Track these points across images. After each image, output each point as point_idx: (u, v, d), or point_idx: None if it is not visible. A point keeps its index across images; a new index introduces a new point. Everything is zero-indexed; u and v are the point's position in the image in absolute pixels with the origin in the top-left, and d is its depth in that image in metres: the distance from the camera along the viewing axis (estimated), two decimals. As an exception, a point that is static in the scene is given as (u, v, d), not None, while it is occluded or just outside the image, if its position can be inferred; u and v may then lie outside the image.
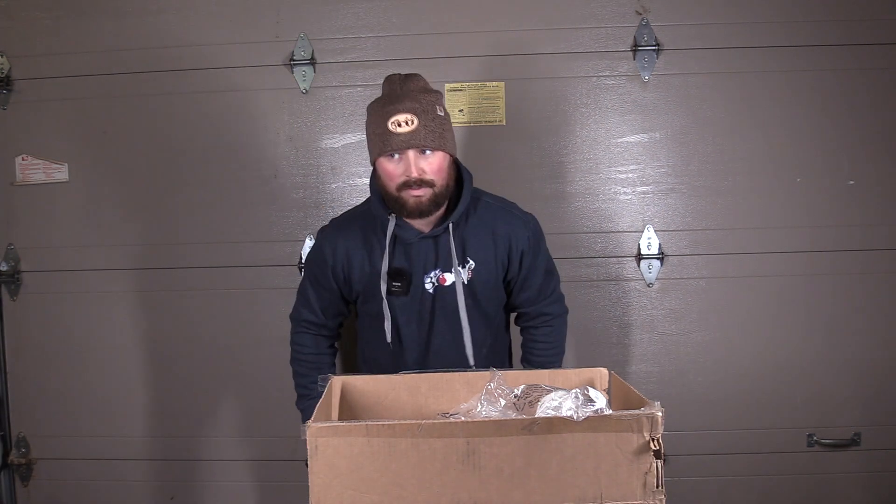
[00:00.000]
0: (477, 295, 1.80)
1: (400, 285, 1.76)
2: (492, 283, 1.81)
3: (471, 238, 1.78)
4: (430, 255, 1.77)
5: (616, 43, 2.42)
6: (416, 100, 1.65)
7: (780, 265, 2.42)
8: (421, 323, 1.81)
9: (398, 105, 1.64)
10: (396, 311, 1.80)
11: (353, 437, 1.08)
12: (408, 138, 1.61)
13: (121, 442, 2.54)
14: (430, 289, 1.78)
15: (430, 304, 1.79)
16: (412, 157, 1.63)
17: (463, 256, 1.77)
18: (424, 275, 1.77)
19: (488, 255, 1.79)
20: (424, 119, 1.63)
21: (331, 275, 1.84)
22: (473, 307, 1.80)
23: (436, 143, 1.64)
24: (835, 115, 2.40)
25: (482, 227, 1.80)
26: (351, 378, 1.46)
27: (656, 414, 1.08)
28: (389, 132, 1.63)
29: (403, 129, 1.61)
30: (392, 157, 1.65)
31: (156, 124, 2.49)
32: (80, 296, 2.53)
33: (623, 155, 2.45)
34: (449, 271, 1.76)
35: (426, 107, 1.65)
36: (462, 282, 1.77)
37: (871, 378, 2.43)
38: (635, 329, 2.47)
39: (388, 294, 1.76)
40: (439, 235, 1.76)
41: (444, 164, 1.68)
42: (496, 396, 1.28)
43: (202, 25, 2.46)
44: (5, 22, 2.50)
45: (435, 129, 1.64)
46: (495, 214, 1.82)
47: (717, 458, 2.46)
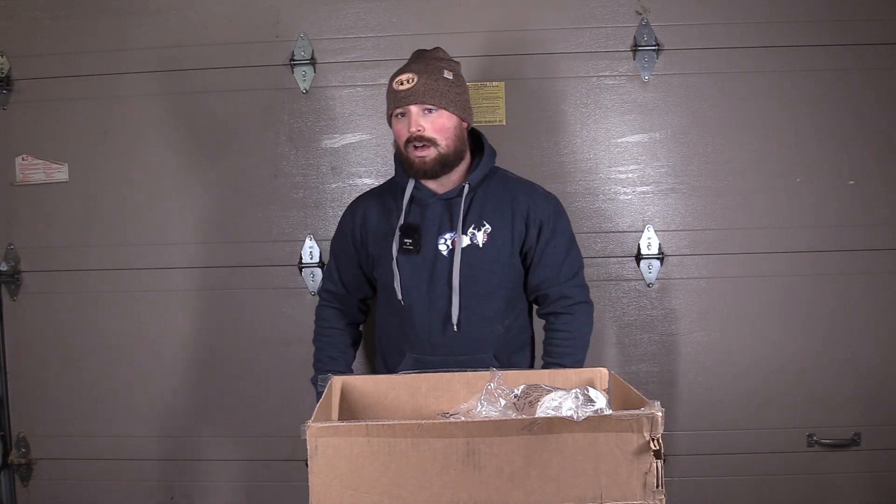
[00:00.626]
0: (493, 262, 1.79)
1: (411, 242, 1.77)
2: (508, 249, 1.80)
3: (489, 203, 1.81)
4: (446, 217, 1.79)
5: (616, 43, 2.42)
6: (424, 63, 1.75)
7: (780, 265, 2.42)
8: (429, 286, 1.79)
9: (405, 67, 1.76)
10: (408, 275, 1.80)
11: (353, 437, 1.08)
12: (407, 94, 1.70)
13: (121, 442, 2.54)
14: (444, 251, 1.78)
15: (442, 267, 1.78)
16: (414, 113, 1.71)
17: (479, 220, 1.79)
18: (439, 236, 1.79)
19: (506, 222, 1.80)
20: (426, 78, 1.71)
21: (350, 239, 1.90)
22: (490, 275, 1.79)
23: (435, 101, 1.71)
24: (835, 115, 2.40)
25: (502, 194, 1.83)
26: (351, 378, 1.47)
27: (656, 414, 1.08)
28: (394, 90, 1.73)
29: (405, 86, 1.71)
30: (400, 117, 1.74)
31: (156, 124, 2.49)
32: (80, 296, 2.53)
33: (623, 155, 2.45)
34: (465, 234, 1.77)
35: (431, 68, 1.73)
36: (476, 245, 1.77)
37: (871, 378, 2.43)
38: (635, 329, 2.47)
39: (400, 251, 1.78)
40: (454, 198, 1.79)
41: (448, 124, 1.73)
42: (496, 396, 1.28)
43: (202, 25, 2.46)
44: (5, 22, 2.50)
45: (437, 88, 1.71)
46: (517, 185, 1.87)
47: (717, 458, 2.46)
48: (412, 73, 1.72)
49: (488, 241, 1.78)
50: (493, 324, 1.81)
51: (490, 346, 1.82)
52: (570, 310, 1.86)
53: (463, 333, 1.78)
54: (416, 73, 1.72)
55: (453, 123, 1.74)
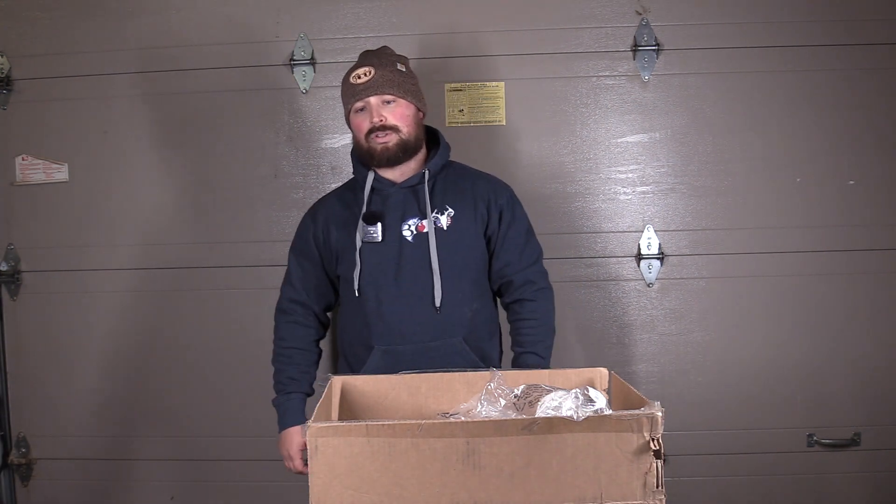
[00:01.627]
0: (457, 243, 1.80)
1: (373, 230, 1.79)
2: (472, 231, 1.82)
3: (449, 189, 1.84)
4: (409, 204, 1.81)
5: (616, 43, 2.42)
6: (377, 57, 1.81)
7: (780, 265, 2.42)
8: (400, 273, 1.78)
9: (360, 63, 1.81)
10: (374, 264, 1.79)
11: (353, 437, 1.08)
12: (366, 86, 1.75)
13: (121, 442, 2.54)
14: (409, 237, 1.79)
15: (409, 253, 1.78)
16: (374, 104, 1.75)
17: (442, 205, 1.81)
18: (402, 223, 1.79)
19: (467, 206, 1.83)
20: (382, 70, 1.77)
21: (312, 242, 1.88)
22: (455, 255, 1.79)
23: (394, 91, 1.76)
24: (835, 115, 2.40)
25: (461, 181, 1.87)
26: (351, 378, 1.47)
27: (656, 414, 1.08)
28: (351, 85, 1.78)
29: (363, 79, 1.76)
30: (359, 112, 1.78)
31: (156, 124, 2.49)
32: (80, 296, 2.53)
33: (623, 155, 2.45)
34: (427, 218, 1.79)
35: (385, 61, 1.80)
36: (441, 228, 1.79)
37: (871, 378, 2.43)
38: (635, 329, 2.47)
39: (364, 240, 1.79)
40: (416, 185, 1.81)
41: (407, 112, 1.78)
42: (496, 396, 1.28)
43: (202, 25, 2.46)
44: (5, 22, 2.50)
45: (393, 79, 1.77)
46: (474, 175, 1.91)
47: (717, 458, 2.46)
48: (368, 67, 1.77)
49: (452, 223, 1.80)
50: (462, 306, 1.81)
51: (459, 329, 1.80)
52: (535, 296, 1.87)
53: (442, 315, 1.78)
54: (372, 66, 1.77)
55: (412, 112, 1.79)
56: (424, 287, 1.77)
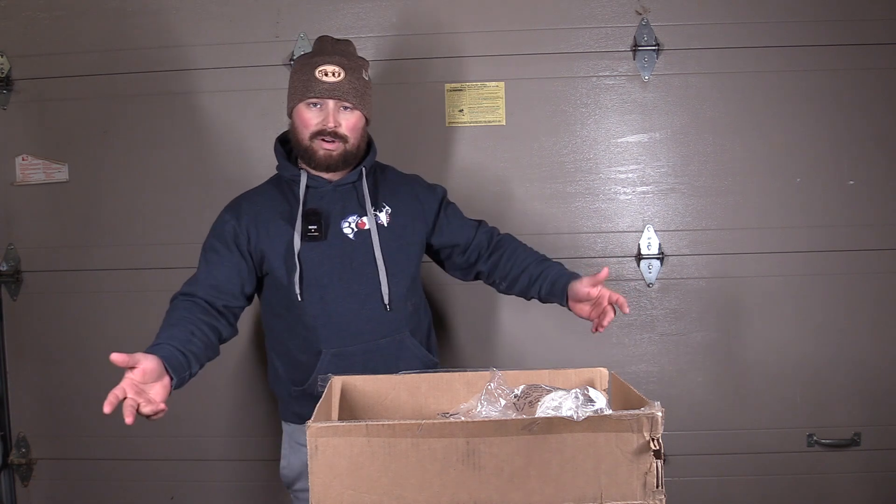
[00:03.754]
0: (398, 239, 1.79)
1: (316, 228, 1.72)
2: (409, 229, 1.82)
3: (384, 187, 1.83)
4: (347, 201, 1.77)
5: (616, 43, 2.42)
6: (348, 57, 1.73)
7: (779, 265, 2.42)
8: (343, 273, 1.73)
9: (328, 57, 1.71)
10: (315, 265, 1.72)
11: (353, 437, 1.08)
12: (333, 87, 1.68)
13: (121, 442, 2.54)
14: (350, 234, 1.75)
15: (352, 250, 1.74)
16: (332, 108, 1.70)
17: (378, 202, 1.80)
18: (342, 220, 1.76)
19: (403, 202, 1.82)
20: (351, 75, 1.70)
21: (231, 239, 1.74)
22: (396, 252, 1.78)
23: (357, 101, 1.71)
24: (835, 115, 2.40)
25: (393, 180, 1.87)
26: (351, 378, 1.47)
27: (656, 414, 1.08)
28: (316, 79, 1.68)
29: (330, 78, 1.68)
30: (312, 106, 1.71)
31: (156, 124, 2.49)
32: (80, 296, 2.53)
33: (623, 155, 2.45)
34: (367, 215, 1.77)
35: (354, 66, 1.73)
36: (381, 224, 1.77)
37: (871, 378, 2.43)
38: (635, 329, 2.47)
39: (304, 240, 1.71)
40: (354, 182, 1.79)
41: (359, 124, 1.74)
42: (496, 396, 1.28)
43: (202, 25, 2.46)
44: (5, 22, 2.50)
45: (359, 88, 1.72)
46: (406, 177, 1.92)
47: (717, 458, 2.46)
48: (339, 67, 1.69)
49: (391, 220, 1.79)
50: (406, 301, 1.80)
51: (405, 325, 1.80)
52: (503, 236, 1.94)
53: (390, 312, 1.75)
54: (343, 67, 1.70)
55: (362, 123, 1.76)
56: (371, 285, 1.74)
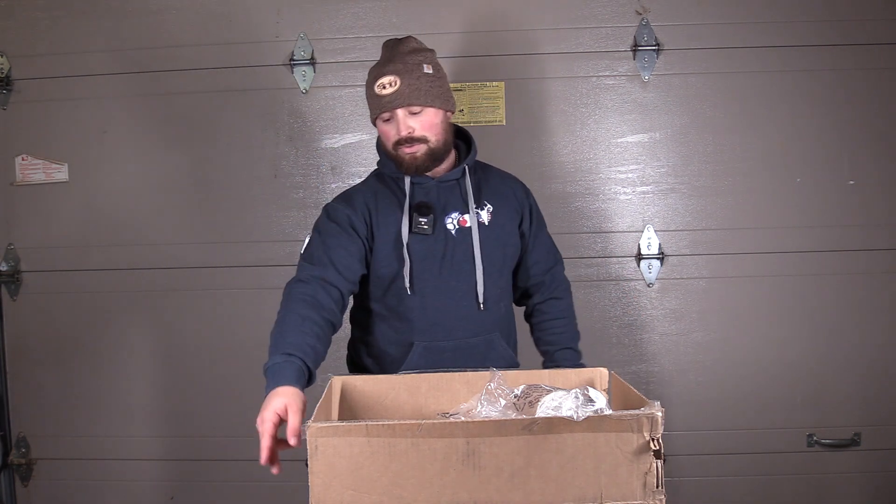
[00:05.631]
0: (497, 239, 1.78)
1: (426, 221, 1.72)
2: (508, 229, 1.81)
3: (484, 186, 1.81)
4: (451, 197, 1.76)
5: (616, 43, 2.42)
6: (402, 61, 1.70)
7: (779, 265, 2.42)
8: (443, 268, 1.73)
9: (382, 68, 1.70)
10: (420, 258, 1.72)
11: (353, 437, 1.08)
12: (391, 99, 1.67)
13: (121, 442, 2.54)
14: (453, 231, 1.74)
15: (454, 246, 1.73)
16: (401, 116, 1.68)
17: (481, 200, 1.78)
18: (445, 216, 1.74)
19: (503, 202, 1.81)
20: (408, 78, 1.68)
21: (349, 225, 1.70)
22: (495, 252, 1.77)
23: (422, 100, 1.68)
24: (835, 115, 2.40)
25: (494, 179, 1.84)
26: (351, 378, 1.46)
27: (656, 414, 1.08)
28: (376, 95, 1.70)
29: (387, 90, 1.68)
30: (386, 122, 1.71)
31: (156, 124, 2.49)
32: (80, 296, 2.53)
33: (623, 155, 2.45)
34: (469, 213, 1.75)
35: (411, 67, 1.69)
36: (482, 223, 1.75)
37: (871, 378, 2.43)
38: (635, 329, 2.47)
39: (412, 233, 1.71)
40: (458, 178, 1.78)
41: (435, 120, 1.71)
42: (496, 396, 1.28)
43: (202, 25, 2.46)
44: (5, 22, 2.50)
45: (420, 86, 1.69)
46: (504, 174, 1.89)
47: (717, 458, 2.46)
48: (392, 76, 1.68)
49: (492, 219, 1.77)
50: (499, 303, 1.80)
51: (496, 325, 1.80)
52: (564, 294, 1.91)
53: (484, 311, 1.75)
54: (396, 74, 1.68)
55: (440, 118, 1.73)
56: (468, 282, 1.74)
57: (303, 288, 1.60)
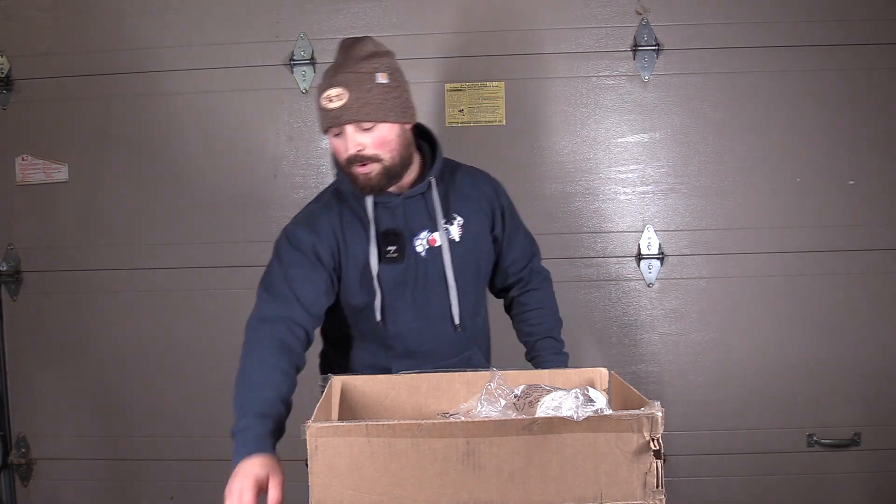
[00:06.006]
0: (469, 254, 1.67)
1: (395, 249, 1.59)
2: (481, 238, 1.69)
3: (452, 194, 1.67)
4: (418, 215, 1.63)
5: (616, 43, 2.42)
6: (353, 69, 1.52)
7: (779, 265, 2.42)
8: (416, 292, 1.63)
9: (331, 79, 1.53)
10: (390, 286, 1.61)
11: (353, 437, 1.08)
12: (338, 114, 1.51)
13: (121, 442, 2.54)
14: (422, 252, 1.62)
15: (425, 268, 1.63)
16: (350, 133, 1.52)
17: (449, 213, 1.65)
18: (414, 237, 1.62)
19: (473, 210, 1.68)
20: (358, 91, 1.50)
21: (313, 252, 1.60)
22: (467, 267, 1.67)
23: (373, 115, 1.51)
24: (834, 115, 2.40)
25: (461, 184, 1.70)
26: (351, 378, 1.46)
27: (656, 414, 1.08)
28: (323, 108, 1.54)
29: (334, 103, 1.51)
30: (336, 134, 1.55)
31: (156, 124, 2.49)
32: (80, 296, 2.53)
33: (623, 155, 2.45)
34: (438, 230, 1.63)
35: (362, 77, 1.52)
36: (453, 240, 1.64)
37: (871, 378, 2.43)
38: (635, 329, 2.47)
39: (381, 262, 1.59)
40: (424, 192, 1.63)
41: (389, 136, 1.54)
42: (496, 396, 1.28)
43: (202, 25, 2.46)
44: (5, 22, 2.50)
45: (371, 99, 1.51)
46: (473, 173, 1.75)
47: (717, 458, 2.46)
48: (340, 88, 1.50)
49: (463, 233, 1.65)
50: (475, 318, 1.73)
51: (475, 341, 1.75)
52: (541, 285, 1.82)
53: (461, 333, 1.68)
54: (345, 86, 1.50)
55: (395, 133, 1.55)
56: (443, 304, 1.65)
57: (268, 330, 1.56)
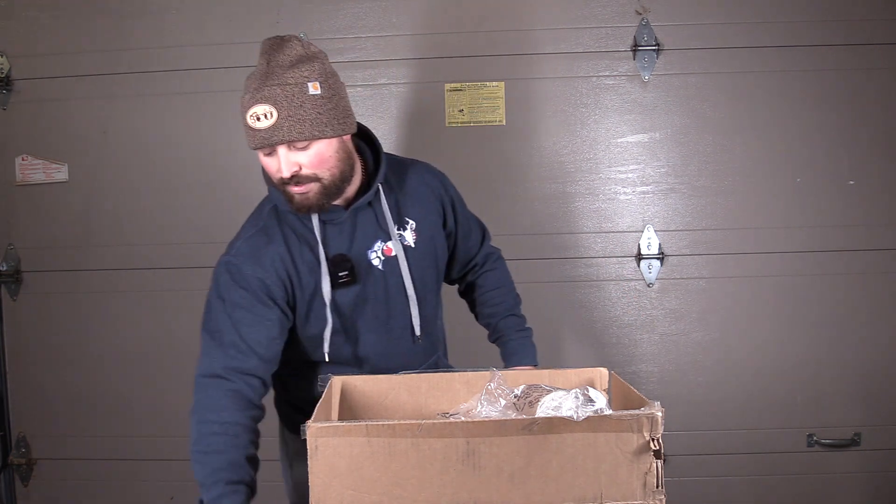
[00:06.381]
0: (426, 257, 1.57)
1: (347, 273, 1.47)
2: (435, 238, 1.60)
3: (403, 193, 1.57)
4: (368, 226, 1.51)
5: (616, 43, 2.42)
6: (280, 81, 1.37)
7: (779, 265, 2.42)
8: (377, 308, 1.53)
9: (256, 94, 1.38)
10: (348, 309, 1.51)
11: (353, 437, 1.08)
12: (268, 134, 1.37)
13: (121, 442, 2.54)
14: (378, 265, 1.51)
15: (384, 282, 1.52)
16: (283, 154, 1.38)
17: (401, 218, 1.55)
18: (368, 251, 1.51)
19: (423, 210, 1.59)
20: (288, 107, 1.36)
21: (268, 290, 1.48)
22: (426, 272, 1.58)
23: (307, 133, 1.37)
24: (834, 115, 2.40)
25: (407, 183, 1.59)
26: (351, 378, 1.46)
27: (656, 414, 1.08)
28: (250, 128, 1.40)
29: (262, 123, 1.36)
30: (267, 156, 1.42)
31: (156, 124, 2.49)
32: (80, 296, 2.53)
33: (623, 155, 2.45)
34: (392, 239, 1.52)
35: (291, 91, 1.36)
36: (409, 246, 1.54)
37: (871, 378, 2.43)
38: (635, 329, 2.47)
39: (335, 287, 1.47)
40: (372, 201, 1.52)
41: (328, 152, 1.40)
42: (496, 396, 1.28)
43: (202, 25, 2.46)
44: (5, 22, 2.50)
45: (305, 116, 1.36)
46: (419, 170, 1.63)
47: (717, 458, 2.46)
48: (268, 106, 1.36)
49: (418, 237, 1.55)
50: (436, 321, 1.65)
51: (438, 346, 1.67)
52: (496, 265, 1.76)
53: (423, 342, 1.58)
54: (272, 103, 1.35)
55: (334, 149, 1.41)
56: (403, 316, 1.55)
57: (221, 386, 1.48)
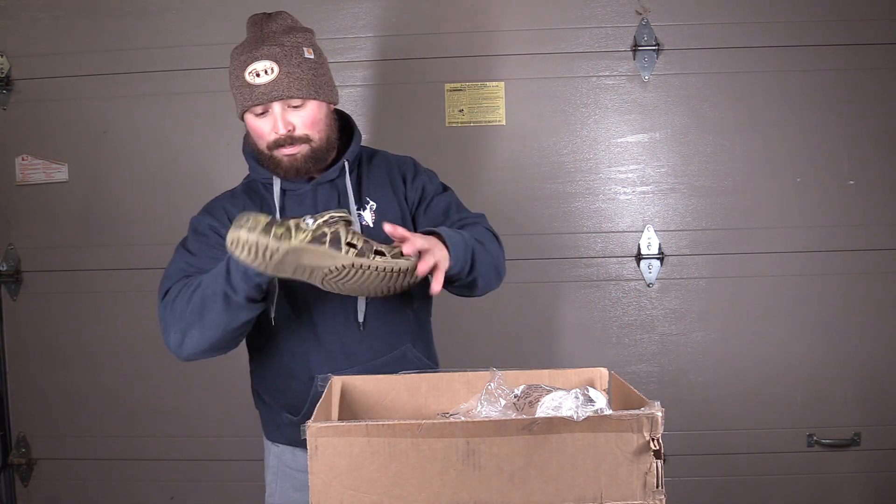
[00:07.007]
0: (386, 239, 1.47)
1: None
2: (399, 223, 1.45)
3: (369, 179, 1.57)
4: (330, 202, 1.52)
5: (616, 43, 2.42)
6: (278, 42, 1.42)
7: (779, 265, 2.42)
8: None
9: (256, 51, 1.41)
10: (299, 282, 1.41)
11: (353, 437, 1.08)
12: (268, 89, 1.40)
13: (121, 442, 2.54)
14: None
15: None
16: (278, 112, 1.42)
17: (361, 198, 1.54)
18: None
19: (387, 194, 1.57)
20: (288, 65, 1.41)
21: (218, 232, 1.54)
22: None
23: (304, 92, 1.42)
24: (834, 115, 2.40)
25: (377, 166, 1.60)
26: (351, 378, 1.46)
27: (656, 414, 1.08)
28: (248, 84, 1.42)
29: (263, 78, 1.40)
30: (259, 116, 1.45)
31: (156, 124, 2.49)
32: (80, 296, 2.53)
33: (623, 155, 2.45)
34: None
35: (289, 50, 1.42)
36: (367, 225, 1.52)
37: (871, 378, 2.43)
38: (635, 329, 2.47)
39: None
40: (335, 179, 1.53)
41: (319, 115, 1.45)
42: (496, 396, 1.28)
43: (202, 25, 2.46)
44: (5, 22, 2.50)
45: (302, 75, 1.42)
46: (388, 158, 1.64)
47: (717, 458, 2.46)
48: (269, 62, 1.40)
49: (376, 218, 1.53)
50: (402, 310, 1.56)
51: (406, 336, 1.58)
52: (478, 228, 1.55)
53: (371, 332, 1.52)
54: (273, 59, 1.40)
55: (324, 113, 1.47)
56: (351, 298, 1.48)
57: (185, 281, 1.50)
